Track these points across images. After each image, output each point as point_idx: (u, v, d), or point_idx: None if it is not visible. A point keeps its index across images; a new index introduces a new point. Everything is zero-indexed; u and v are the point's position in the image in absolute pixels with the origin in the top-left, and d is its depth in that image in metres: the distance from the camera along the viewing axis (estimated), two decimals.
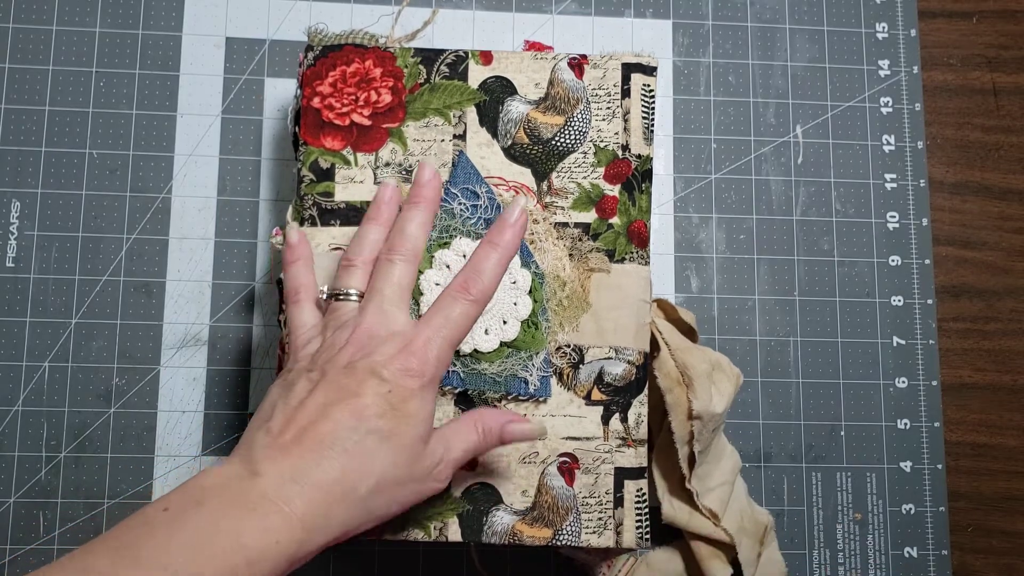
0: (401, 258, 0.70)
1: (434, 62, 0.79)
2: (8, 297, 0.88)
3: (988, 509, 0.93)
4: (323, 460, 0.59)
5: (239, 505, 0.56)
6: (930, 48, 0.99)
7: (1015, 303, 0.96)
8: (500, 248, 0.69)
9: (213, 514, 0.55)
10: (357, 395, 0.61)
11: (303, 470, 0.58)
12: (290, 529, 0.56)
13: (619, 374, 0.76)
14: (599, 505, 0.75)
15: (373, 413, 0.61)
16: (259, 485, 0.57)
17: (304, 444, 0.59)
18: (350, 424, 0.60)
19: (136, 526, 0.55)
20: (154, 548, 0.53)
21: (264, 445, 0.60)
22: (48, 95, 0.91)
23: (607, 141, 0.78)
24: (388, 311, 0.67)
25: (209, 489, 0.57)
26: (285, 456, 0.59)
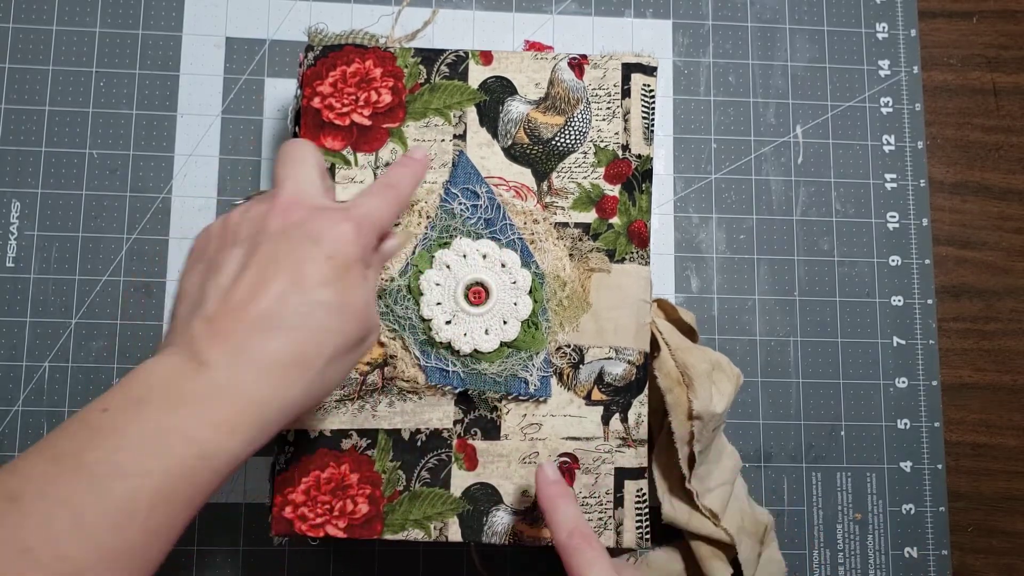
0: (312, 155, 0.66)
1: (434, 62, 0.79)
2: (8, 297, 0.88)
3: (988, 509, 0.93)
4: (273, 339, 0.55)
5: (186, 399, 0.52)
6: (930, 48, 0.99)
7: (1015, 303, 0.96)
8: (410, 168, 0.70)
9: (159, 411, 0.51)
10: (297, 264, 0.57)
11: (253, 352, 0.54)
12: (245, 417, 0.53)
13: (619, 374, 0.76)
14: (599, 505, 0.75)
15: (316, 282, 0.57)
16: (206, 374, 0.53)
17: (250, 324, 0.55)
18: (295, 297, 0.56)
19: (75, 431, 0.51)
20: (99, 451, 0.50)
21: (204, 332, 0.55)
22: (48, 95, 0.91)
23: (607, 141, 0.78)
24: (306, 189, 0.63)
25: (152, 386, 0.53)
26: (231, 339, 0.54)
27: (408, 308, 0.75)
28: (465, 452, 0.75)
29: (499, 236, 0.76)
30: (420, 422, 0.75)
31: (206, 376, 0.53)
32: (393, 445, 0.74)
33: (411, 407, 0.75)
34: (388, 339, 0.75)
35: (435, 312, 0.74)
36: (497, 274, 0.75)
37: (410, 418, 0.75)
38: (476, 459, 0.75)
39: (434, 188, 0.77)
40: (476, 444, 0.75)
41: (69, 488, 0.48)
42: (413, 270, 0.75)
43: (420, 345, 0.74)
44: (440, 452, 0.75)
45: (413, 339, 0.74)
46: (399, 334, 0.75)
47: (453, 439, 0.75)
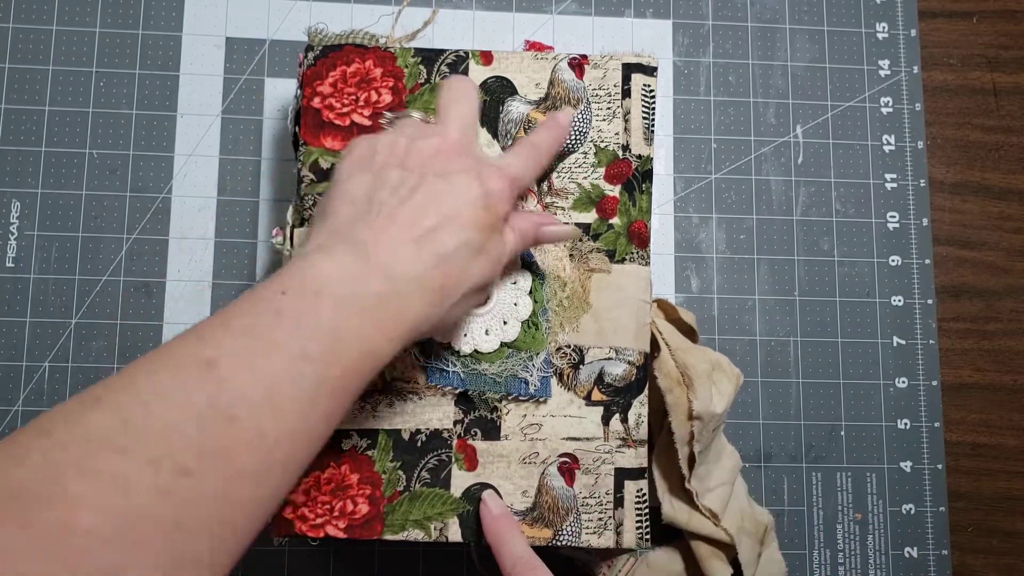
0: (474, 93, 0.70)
1: (434, 62, 0.79)
2: (8, 297, 0.88)
3: (988, 509, 0.93)
4: (429, 263, 0.59)
5: (357, 301, 0.56)
6: (930, 48, 0.99)
7: (1015, 303, 0.96)
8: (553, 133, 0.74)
9: (335, 307, 0.55)
10: (457, 205, 0.61)
11: (413, 270, 0.58)
12: (404, 328, 0.58)
13: (619, 374, 0.76)
14: (599, 505, 0.75)
15: (471, 225, 0.61)
16: (372, 284, 0.57)
17: (412, 245, 0.59)
18: (451, 231, 0.60)
19: (260, 310, 0.54)
20: (288, 333, 0.53)
21: (372, 242, 0.59)
22: (48, 95, 0.91)
23: (607, 141, 0.78)
24: (470, 135, 0.67)
25: (325, 281, 0.56)
26: (396, 255, 0.58)
27: None
28: (465, 452, 0.75)
29: None
30: (420, 422, 0.75)
31: (372, 284, 0.57)
32: (393, 445, 0.74)
33: (411, 407, 0.75)
34: None
35: None
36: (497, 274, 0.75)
37: (410, 418, 0.75)
38: (476, 459, 0.75)
39: None
40: (476, 444, 0.75)
41: (265, 365, 0.51)
42: None
43: (420, 345, 0.74)
44: (440, 452, 0.75)
45: None
46: None
47: (453, 439, 0.75)
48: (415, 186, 0.62)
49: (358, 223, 0.60)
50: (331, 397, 0.54)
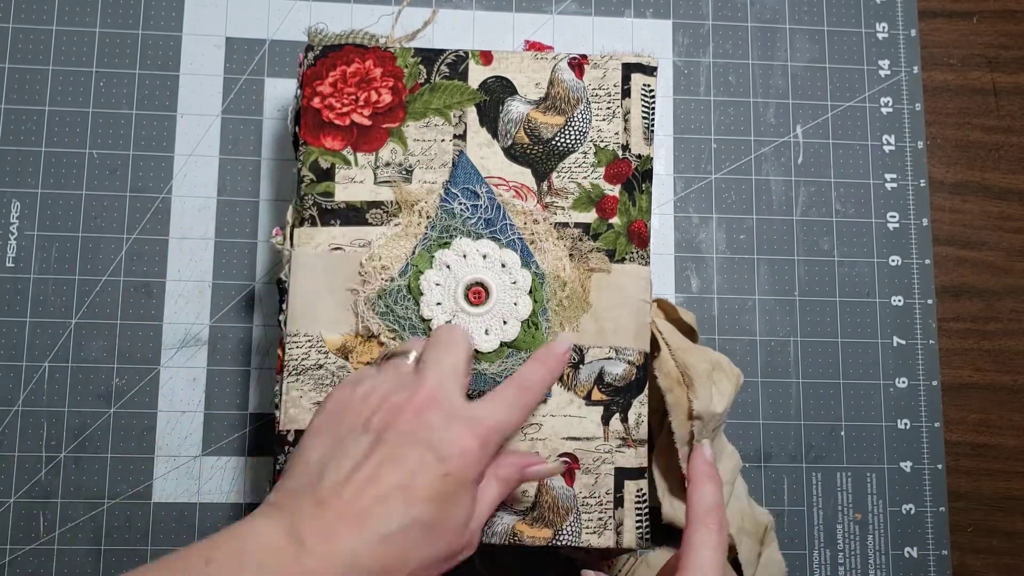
0: (462, 340, 0.68)
1: (434, 62, 0.79)
2: (8, 297, 0.88)
3: (988, 509, 0.93)
4: (367, 543, 0.57)
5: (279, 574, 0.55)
6: (930, 48, 0.99)
7: (1015, 303, 0.96)
8: (548, 368, 0.70)
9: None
10: (412, 472, 0.59)
11: (346, 552, 0.57)
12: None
13: (619, 374, 0.76)
14: (599, 505, 0.75)
15: (424, 498, 0.59)
16: (302, 560, 0.55)
17: (353, 523, 0.57)
18: (400, 507, 0.58)
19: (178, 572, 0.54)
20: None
21: (311, 516, 0.58)
22: (48, 95, 0.91)
23: (607, 141, 0.78)
24: (447, 386, 0.64)
25: (251, 554, 0.56)
26: (331, 532, 0.57)
27: (408, 308, 0.75)
28: None
29: (499, 236, 0.76)
30: None
31: (300, 561, 0.55)
32: None
33: None
34: (388, 339, 0.75)
35: (435, 312, 0.74)
36: (497, 274, 0.75)
37: None
38: None
39: (434, 188, 0.77)
40: None
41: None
42: (413, 270, 0.75)
43: None
44: None
45: None
46: (399, 334, 0.75)
47: None
48: (369, 452, 0.60)
49: (305, 494, 0.59)
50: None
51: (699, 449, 0.71)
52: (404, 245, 0.76)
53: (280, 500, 0.60)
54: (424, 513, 0.59)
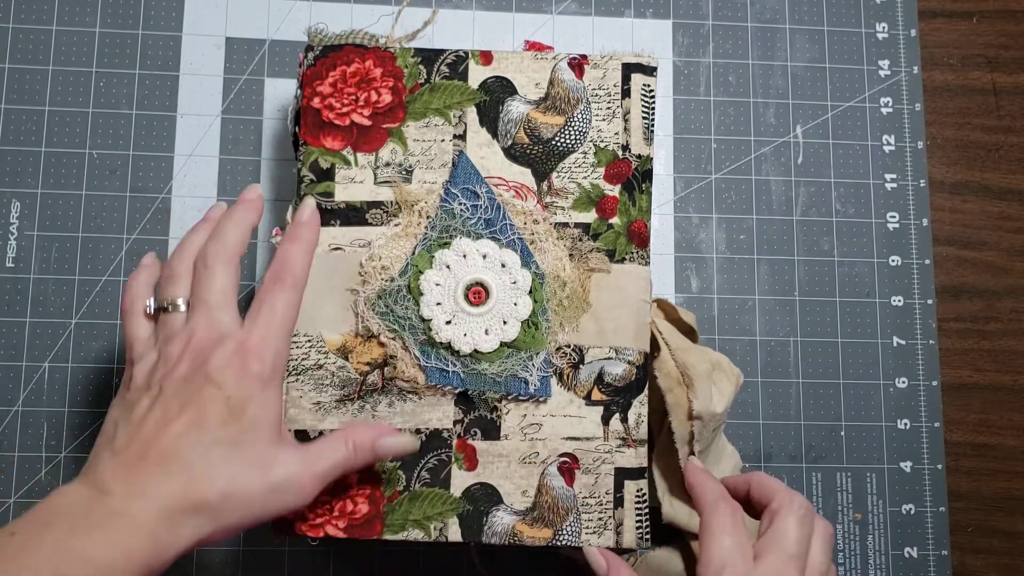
0: (218, 261, 0.69)
1: (434, 62, 0.79)
2: (8, 297, 0.88)
3: (988, 509, 0.93)
4: (168, 474, 0.60)
5: (87, 523, 0.57)
6: (930, 48, 0.99)
7: (1015, 303, 0.96)
8: (302, 240, 0.72)
9: (61, 534, 0.56)
10: (197, 406, 0.62)
11: (149, 485, 0.59)
12: (139, 541, 0.57)
13: (619, 374, 0.76)
14: (599, 505, 0.75)
15: (214, 423, 0.62)
16: (106, 502, 0.58)
17: (149, 459, 0.60)
18: (193, 436, 0.61)
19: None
20: (2, 571, 0.53)
21: (110, 464, 0.60)
22: (48, 95, 0.91)
23: (607, 141, 0.78)
24: (216, 317, 0.67)
25: (57, 509, 0.58)
26: (131, 473, 0.59)
27: (408, 308, 0.75)
28: (465, 452, 0.75)
29: (499, 236, 0.76)
30: (420, 422, 0.75)
31: (105, 503, 0.58)
32: None
33: (411, 407, 0.75)
34: (388, 339, 0.75)
35: (435, 312, 0.74)
36: (497, 274, 0.75)
37: (410, 418, 0.75)
38: (476, 459, 0.75)
39: (434, 188, 0.77)
40: (476, 444, 0.75)
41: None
42: (413, 270, 0.75)
43: (420, 345, 0.74)
44: (440, 452, 0.75)
45: (413, 339, 0.74)
46: (399, 334, 0.75)
47: (453, 439, 0.75)
48: (154, 402, 0.63)
49: (104, 451, 0.62)
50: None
51: (689, 464, 0.75)
52: (404, 245, 0.76)
53: (84, 469, 0.62)
54: (221, 436, 0.62)
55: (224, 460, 0.61)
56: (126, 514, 0.57)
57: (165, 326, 0.68)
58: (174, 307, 0.68)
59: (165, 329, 0.68)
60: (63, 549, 0.55)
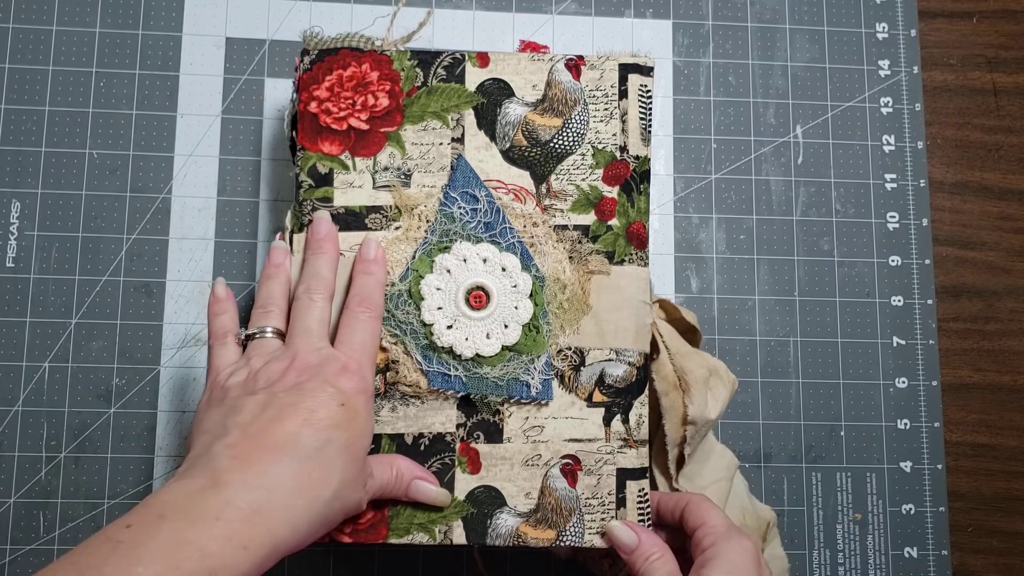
0: (320, 296, 0.72)
1: (431, 65, 0.79)
2: (8, 297, 0.88)
3: (988, 509, 0.93)
4: (287, 468, 0.61)
5: (203, 516, 0.56)
6: (930, 48, 0.99)
7: (1015, 303, 0.96)
8: (374, 276, 0.74)
9: (176, 527, 0.55)
10: (312, 409, 0.64)
11: (268, 477, 0.60)
12: (256, 535, 0.57)
13: (620, 375, 0.76)
14: (602, 506, 0.75)
15: (330, 424, 0.64)
16: (223, 494, 0.58)
17: (269, 452, 0.61)
18: (309, 434, 0.62)
19: (100, 544, 0.55)
20: (118, 564, 0.53)
21: (225, 455, 0.61)
22: (48, 95, 0.91)
23: (605, 142, 0.78)
24: (316, 343, 0.70)
25: (171, 503, 0.57)
26: (250, 464, 0.60)
27: (409, 313, 0.75)
28: (468, 455, 0.75)
29: (499, 240, 0.76)
30: (423, 426, 0.75)
31: (222, 495, 0.58)
32: (396, 449, 0.75)
33: (414, 411, 0.75)
34: (390, 344, 0.75)
35: (436, 317, 0.74)
36: (498, 278, 0.75)
37: (413, 422, 0.75)
38: (479, 462, 0.75)
39: (433, 192, 0.77)
40: (479, 447, 0.75)
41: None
42: (414, 275, 0.75)
43: (422, 350, 0.74)
44: (443, 456, 0.75)
45: (415, 344, 0.74)
46: (400, 339, 0.75)
47: (456, 443, 0.75)
48: (266, 403, 0.64)
49: (214, 445, 0.62)
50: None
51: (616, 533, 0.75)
52: (404, 249, 0.76)
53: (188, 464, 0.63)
54: (334, 436, 0.63)
55: (338, 459, 0.63)
56: (244, 506, 0.58)
57: (259, 348, 0.71)
58: (264, 334, 0.72)
59: (259, 350, 0.71)
60: (179, 542, 0.55)
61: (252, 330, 0.72)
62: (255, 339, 0.72)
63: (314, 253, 0.75)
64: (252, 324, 0.73)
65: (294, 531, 0.60)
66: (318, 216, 0.76)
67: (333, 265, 0.75)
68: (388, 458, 0.72)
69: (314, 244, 0.75)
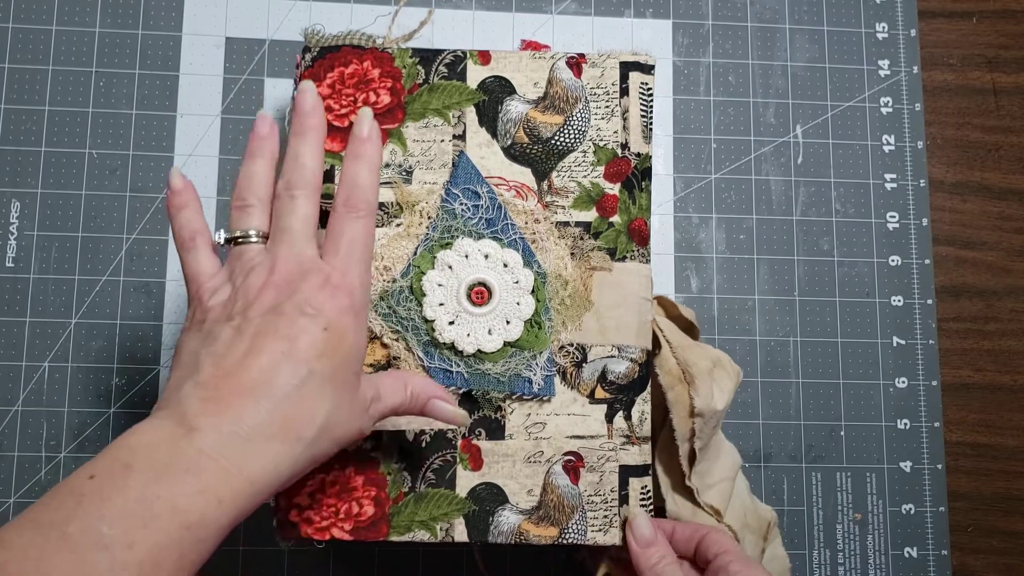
0: (302, 192, 0.65)
1: (432, 62, 0.79)
2: (8, 297, 0.88)
3: (988, 509, 0.93)
4: (265, 409, 0.55)
5: (173, 467, 0.52)
6: (930, 48, 0.99)
7: (1015, 303, 0.96)
8: (364, 158, 0.67)
9: (144, 478, 0.51)
10: (291, 337, 0.58)
11: (244, 421, 0.55)
12: (233, 486, 0.53)
13: (622, 372, 0.76)
14: (604, 503, 0.75)
15: (312, 355, 0.58)
16: (196, 442, 0.53)
17: (242, 393, 0.56)
18: (288, 368, 0.57)
19: (62, 498, 0.50)
20: (83, 521, 0.49)
21: (197, 397, 0.55)
22: (48, 95, 0.91)
23: (606, 140, 0.78)
24: (299, 249, 0.63)
25: (138, 450, 0.53)
26: (223, 408, 0.55)
27: (411, 309, 0.75)
28: (470, 452, 0.75)
29: (501, 236, 0.76)
30: (424, 423, 0.75)
31: (194, 443, 0.53)
32: (398, 446, 0.74)
33: None
34: (391, 341, 0.75)
35: (438, 313, 0.74)
36: (499, 274, 0.75)
37: (414, 419, 0.75)
38: (481, 459, 0.75)
39: (435, 189, 0.77)
40: (481, 444, 0.75)
41: (52, 560, 0.47)
42: (415, 271, 0.75)
43: (423, 346, 0.74)
44: (445, 453, 0.75)
45: (416, 340, 0.74)
46: (402, 335, 0.75)
47: (458, 439, 0.75)
48: (241, 332, 0.59)
49: (185, 383, 0.57)
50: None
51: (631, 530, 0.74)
52: (406, 246, 0.76)
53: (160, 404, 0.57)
54: (316, 368, 0.58)
55: (321, 392, 0.58)
56: (219, 456, 0.53)
57: (240, 258, 0.64)
58: (247, 238, 0.65)
59: (240, 261, 0.64)
60: (148, 497, 0.50)
61: (234, 233, 0.65)
62: (237, 244, 0.65)
63: (295, 134, 0.68)
64: (232, 223, 0.66)
65: (276, 476, 0.55)
66: (303, 86, 0.71)
67: (318, 149, 0.68)
68: (401, 376, 0.67)
69: (296, 123, 0.69)
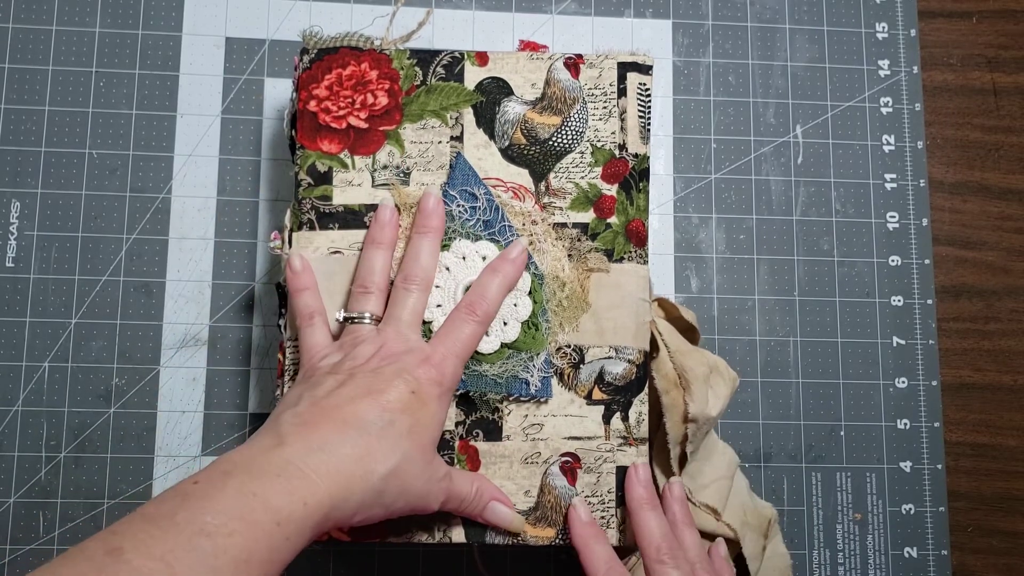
0: (416, 287, 0.73)
1: (430, 64, 0.79)
2: (8, 297, 0.88)
3: (988, 509, 0.93)
4: (347, 437, 0.62)
5: (266, 472, 0.59)
6: (930, 48, 0.99)
7: (1015, 303, 0.96)
8: (501, 275, 0.74)
9: (242, 481, 0.58)
10: (383, 391, 0.65)
11: (328, 442, 0.62)
12: (316, 493, 0.59)
13: (619, 373, 0.76)
14: (601, 504, 0.75)
15: (397, 407, 0.65)
16: (285, 452, 0.60)
17: (330, 422, 0.63)
18: (375, 412, 0.64)
19: (169, 498, 0.57)
20: (188, 513, 0.55)
21: (291, 422, 0.63)
22: (48, 95, 0.91)
23: (604, 140, 0.78)
24: (406, 334, 0.71)
25: (238, 462, 0.60)
26: (311, 430, 0.62)
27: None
28: (467, 454, 0.75)
29: (498, 237, 0.76)
30: None
31: (284, 453, 0.61)
32: None
33: None
34: None
35: (435, 314, 0.74)
36: None
37: None
38: (478, 460, 0.75)
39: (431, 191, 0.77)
40: (478, 445, 0.75)
41: (163, 544, 0.53)
42: None
43: None
44: (442, 454, 0.75)
45: None
46: None
47: (455, 441, 0.75)
48: (343, 382, 0.67)
49: (284, 413, 0.65)
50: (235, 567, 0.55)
51: (574, 511, 0.76)
52: (403, 247, 0.76)
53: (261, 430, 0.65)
54: (398, 420, 0.65)
55: (398, 440, 0.65)
56: (304, 466, 0.60)
57: (353, 333, 0.73)
58: (362, 319, 0.73)
59: (352, 336, 0.73)
60: (245, 494, 0.57)
61: (352, 314, 0.74)
62: (352, 323, 0.73)
63: (417, 232, 0.76)
64: (351, 305, 0.74)
65: (348, 497, 0.61)
66: (427, 192, 0.77)
67: (435, 249, 0.75)
68: (471, 474, 0.73)
69: (418, 221, 0.76)
